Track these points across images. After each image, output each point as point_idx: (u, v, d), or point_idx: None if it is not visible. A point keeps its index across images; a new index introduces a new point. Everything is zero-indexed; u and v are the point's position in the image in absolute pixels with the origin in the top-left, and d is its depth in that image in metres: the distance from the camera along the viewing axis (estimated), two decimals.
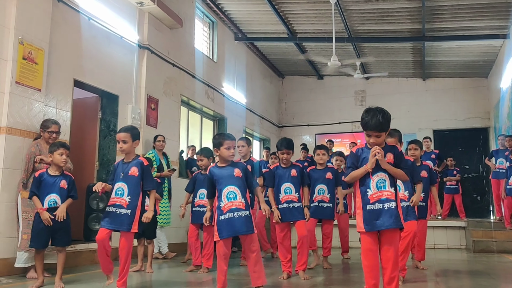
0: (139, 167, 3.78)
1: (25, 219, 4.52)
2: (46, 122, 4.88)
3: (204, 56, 9.21)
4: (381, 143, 3.14)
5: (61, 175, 4.17)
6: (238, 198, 3.62)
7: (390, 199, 3.06)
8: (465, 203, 9.66)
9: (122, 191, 3.73)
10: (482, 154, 11.48)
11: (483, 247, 7.64)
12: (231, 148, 3.71)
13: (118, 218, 3.70)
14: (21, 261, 4.49)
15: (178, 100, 8.07)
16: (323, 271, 5.26)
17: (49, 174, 4.13)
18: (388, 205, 3.05)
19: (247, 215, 3.62)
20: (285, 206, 4.60)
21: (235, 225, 3.57)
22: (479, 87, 11.71)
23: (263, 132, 12.14)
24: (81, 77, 5.92)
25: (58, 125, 4.89)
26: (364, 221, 3.08)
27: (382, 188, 3.07)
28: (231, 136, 3.81)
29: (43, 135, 4.80)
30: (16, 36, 4.86)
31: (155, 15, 7.33)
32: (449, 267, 5.93)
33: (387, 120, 3.09)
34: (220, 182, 3.69)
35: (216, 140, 3.76)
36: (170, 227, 6.64)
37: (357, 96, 12.75)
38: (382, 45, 10.39)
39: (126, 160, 3.86)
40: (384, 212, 3.04)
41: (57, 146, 4.17)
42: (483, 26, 8.89)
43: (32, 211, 4.45)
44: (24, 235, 4.47)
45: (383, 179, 3.08)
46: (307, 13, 9.13)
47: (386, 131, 3.13)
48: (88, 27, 6.05)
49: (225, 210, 3.60)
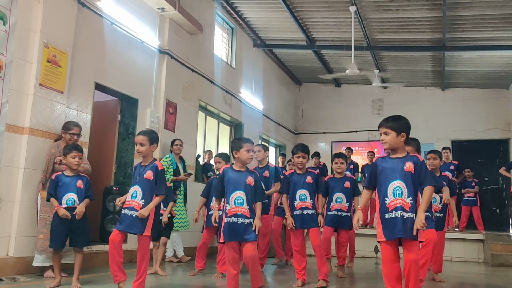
0: (154, 171, 3.81)
1: (43, 219, 4.58)
2: (68, 124, 4.95)
3: (223, 62, 9.28)
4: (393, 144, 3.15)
5: (77, 176, 4.27)
6: (245, 204, 3.62)
7: (404, 208, 3.04)
8: (483, 215, 9.47)
9: (136, 194, 3.78)
10: (501, 166, 11.20)
11: (502, 261, 7.50)
12: (250, 151, 3.72)
13: (131, 220, 3.73)
14: (39, 261, 4.55)
15: (196, 105, 8.14)
16: (337, 280, 5.22)
17: (65, 175, 4.23)
18: (402, 214, 3.03)
19: (250, 223, 3.61)
20: (299, 213, 4.59)
21: (237, 230, 3.59)
22: (500, 98, 11.53)
23: (279, 138, 12.15)
24: (102, 80, 6.02)
25: (79, 127, 4.97)
26: (383, 230, 3.08)
27: (397, 196, 3.06)
28: (250, 140, 3.84)
29: (64, 137, 4.88)
30: (41, 40, 4.97)
31: (176, 21, 7.42)
32: (467, 280, 5.83)
33: (395, 119, 3.15)
34: (230, 185, 3.68)
35: (236, 143, 3.78)
36: (185, 231, 6.67)
37: (374, 104, 12.67)
38: (401, 54, 10.32)
39: (144, 163, 3.90)
40: (398, 221, 3.03)
41: (70, 149, 4.26)
42: (505, 37, 8.77)
43: (50, 211, 4.52)
44: (40, 234, 4.53)
45: (399, 187, 3.07)
46: (326, 21, 9.13)
47: (394, 129, 3.14)
48: (111, 32, 6.16)
49: (229, 214, 3.62)
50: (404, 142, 3.19)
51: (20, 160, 4.75)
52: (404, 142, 3.19)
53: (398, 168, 3.12)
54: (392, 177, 3.10)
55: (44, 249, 4.49)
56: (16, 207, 4.67)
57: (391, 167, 3.14)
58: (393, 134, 3.16)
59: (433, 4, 7.86)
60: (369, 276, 5.97)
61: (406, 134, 3.17)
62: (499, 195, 11.19)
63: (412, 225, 3.02)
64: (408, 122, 3.23)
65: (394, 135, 3.16)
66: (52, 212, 4.50)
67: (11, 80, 4.68)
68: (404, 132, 3.16)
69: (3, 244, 4.59)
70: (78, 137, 4.91)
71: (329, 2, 8.34)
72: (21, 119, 4.80)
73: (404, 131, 3.17)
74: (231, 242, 3.62)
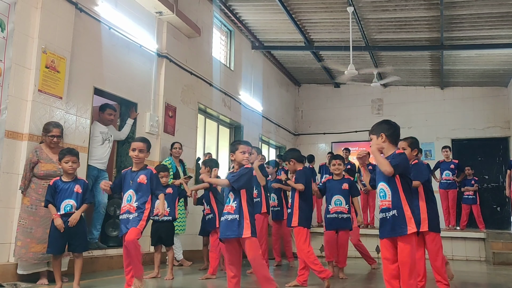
0: (148, 175, 3.93)
1: (21, 225, 4.46)
2: (47, 125, 4.71)
3: (222, 64, 9.29)
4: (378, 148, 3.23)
5: (74, 180, 4.25)
6: (230, 202, 3.69)
7: (388, 208, 3.12)
8: (484, 214, 9.48)
9: (131, 198, 3.89)
10: (502, 164, 11.28)
11: (504, 259, 7.49)
12: (245, 153, 3.77)
13: (128, 222, 3.85)
14: (20, 268, 4.47)
15: (195, 108, 8.15)
16: (339, 281, 5.22)
17: (63, 181, 4.22)
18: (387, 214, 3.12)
19: (235, 218, 3.61)
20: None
21: (224, 227, 3.66)
22: (499, 96, 11.53)
23: (279, 140, 12.15)
24: (101, 85, 6.03)
25: (60, 128, 4.73)
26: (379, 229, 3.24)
27: (382, 198, 3.18)
28: (246, 142, 3.91)
29: (44, 140, 4.70)
30: (40, 45, 4.98)
31: (174, 24, 7.43)
32: (468, 279, 5.83)
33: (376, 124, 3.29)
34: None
35: (234, 145, 3.86)
36: (186, 234, 6.68)
37: (374, 104, 12.68)
38: (399, 54, 10.33)
39: (135, 169, 3.98)
40: (385, 221, 3.14)
41: (64, 153, 4.24)
42: (503, 35, 8.77)
43: (28, 217, 4.46)
44: (18, 241, 4.42)
45: (382, 189, 3.17)
46: (324, 22, 9.14)
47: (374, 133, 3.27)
48: (109, 36, 6.17)
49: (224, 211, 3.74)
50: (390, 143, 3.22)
51: (20, 166, 4.74)
52: (389, 142, 3.22)
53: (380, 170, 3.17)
54: (379, 179, 3.22)
55: (20, 256, 4.39)
56: (16, 214, 4.66)
57: (379, 169, 3.19)
58: (373, 138, 3.27)
59: (431, 4, 7.87)
60: (371, 276, 5.97)
61: (385, 135, 3.22)
62: (499, 193, 11.15)
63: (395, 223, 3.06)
64: (389, 123, 3.29)
65: (375, 138, 3.27)
66: (29, 219, 4.46)
67: (10, 86, 4.68)
68: (382, 133, 3.23)
69: (4, 250, 4.59)
70: (58, 139, 4.68)
71: (326, 3, 8.35)
72: (20, 125, 4.80)
73: (382, 131, 3.23)
74: (228, 243, 3.65)
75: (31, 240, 4.41)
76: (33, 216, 4.47)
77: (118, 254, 5.82)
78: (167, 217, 5.25)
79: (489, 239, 8.06)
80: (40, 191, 4.50)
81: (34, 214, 4.47)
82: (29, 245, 4.40)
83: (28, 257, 4.40)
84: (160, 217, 3.97)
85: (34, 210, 4.48)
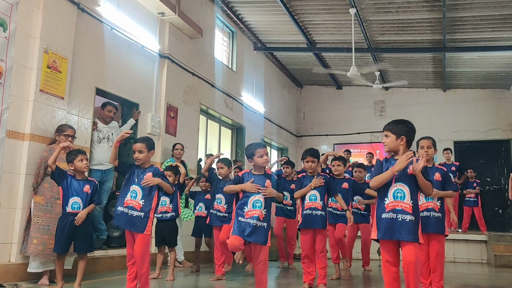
0: (154, 173, 3.92)
1: (36, 223, 4.50)
2: (62, 126, 4.94)
3: (224, 65, 9.29)
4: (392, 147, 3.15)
5: (85, 180, 4.27)
6: (262, 207, 3.67)
7: (406, 211, 3.02)
8: (486, 216, 9.44)
9: (136, 194, 3.85)
10: (504, 166, 11.25)
11: (505, 262, 7.46)
12: (263, 156, 3.78)
13: (131, 219, 3.79)
14: (33, 267, 4.48)
15: (197, 109, 8.14)
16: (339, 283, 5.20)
17: (75, 179, 4.23)
18: (403, 217, 3.02)
19: (263, 226, 3.65)
20: (309, 213, 4.57)
21: (249, 231, 3.61)
22: (501, 98, 11.50)
23: (281, 141, 12.14)
24: (103, 85, 6.03)
25: (73, 129, 4.97)
26: (378, 229, 3.09)
27: (399, 199, 3.05)
28: (260, 145, 3.92)
29: (58, 139, 4.83)
30: (41, 46, 4.98)
31: (176, 25, 7.44)
32: (470, 282, 5.80)
33: (396, 123, 3.19)
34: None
35: (249, 151, 3.84)
36: (188, 235, 6.66)
37: (376, 106, 12.66)
38: (402, 56, 10.31)
39: (143, 167, 3.97)
40: (398, 223, 3.02)
41: (75, 154, 4.25)
42: (505, 37, 8.75)
43: (44, 215, 4.50)
44: (34, 239, 4.46)
45: (402, 190, 3.06)
46: (326, 23, 9.14)
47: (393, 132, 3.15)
48: (111, 37, 6.18)
49: (247, 216, 3.66)
50: (406, 147, 3.16)
51: (21, 166, 4.75)
52: (406, 146, 3.15)
53: (400, 171, 3.10)
54: (397, 178, 3.09)
55: (37, 254, 4.43)
56: (17, 214, 4.67)
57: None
58: (392, 137, 3.16)
59: (433, 6, 7.86)
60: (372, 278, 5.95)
61: (406, 138, 3.14)
62: (501, 195, 11.13)
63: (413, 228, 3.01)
64: (410, 126, 3.19)
65: (394, 138, 3.15)
66: (46, 217, 4.49)
67: (11, 86, 4.69)
68: (403, 135, 3.14)
69: (5, 250, 4.59)
70: (72, 139, 4.89)
71: (329, 5, 8.35)
72: (22, 125, 4.81)
73: (404, 134, 3.14)
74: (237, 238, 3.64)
75: (49, 237, 4.43)
76: (50, 214, 4.51)
77: (120, 255, 5.82)
78: (170, 213, 5.25)
79: (490, 241, 8.03)
80: (55, 189, 4.52)
81: (51, 211, 4.51)
82: (47, 242, 4.43)
83: (46, 253, 4.43)
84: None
85: (50, 208, 4.53)
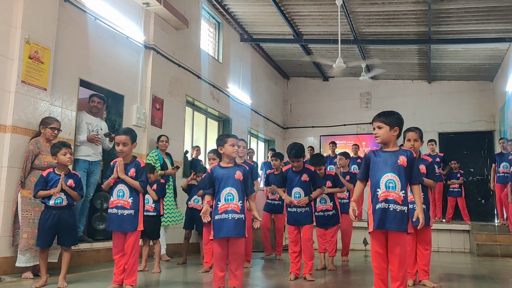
0: (136, 168, 3.87)
1: (26, 217, 4.47)
2: (47, 119, 4.85)
3: (210, 56, 9.23)
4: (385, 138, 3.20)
5: (67, 174, 4.20)
6: (235, 200, 3.64)
7: (397, 201, 3.06)
8: (469, 206, 9.61)
9: (123, 193, 3.81)
10: (487, 157, 11.43)
11: (487, 251, 7.61)
12: (235, 146, 3.75)
13: (122, 219, 3.77)
14: (22, 261, 4.44)
15: (183, 101, 8.09)
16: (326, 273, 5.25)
17: (56, 174, 4.16)
18: (394, 207, 3.05)
19: (241, 218, 3.63)
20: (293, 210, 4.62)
21: (227, 226, 3.59)
22: (485, 90, 11.65)
23: (267, 133, 12.15)
24: (87, 76, 5.94)
25: (59, 122, 4.90)
26: (374, 220, 3.10)
27: (390, 189, 3.09)
28: (234, 136, 3.90)
29: (43, 132, 4.76)
30: (23, 35, 4.88)
31: (161, 16, 7.35)
32: (453, 270, 5.91)
33: (388, 114, 3.23)
34: (219, 182, 3.71)
35: (220, 139, 3.82)
36: (175, 227, 6.64)
37: (362, 98, 12.72)
38: (387, 48, 10.36)
39: (124, 161, 3.89)
40: (389, 213, 3.05)
41: (59, 147, 4.19)
42: (489, 30, 8.85)
43: (33, 209, 4.47)
44: (24, 234, 4.42)
45: (393, 180, 3.10)
46: (313, 14, 9.12)
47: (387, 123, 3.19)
48: (95, 27, 6.08)
49: (220, 211, 3.63)
50: (397, 137, 3.23)
51: (3, 159, 4.67)
52: (397, 136, 3.22)
53: (390, 161, 3.15)
54: (385, 169, 3.13)
55: (28, 248, 4.40)
56: (0, 207, 4.60)
57: (384, 160, 3.17)
58: (386, 128, 3.20)
59: None
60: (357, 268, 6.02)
61: (399, 129, 3.22)
62: (484, 186, 11.32)
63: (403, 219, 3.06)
64: (401, 117, 3.27)
65: (387, 129, 3.20)
66: (34, 211, 4.45)
67: None
68: (396, 126, 3.21)
69: None
70: (58, 131, 4.84)
71: None
72: (3, 117, 4.72)
73: (397, 125, 3.21)
74: (220, 239, 3.63)
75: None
76: (39, 207, 4.44)
77: (105, 248, 5.78)
78: (152, 212, 5.21)
79: (473, 231, 8.18)
80: None
81: (39, 205, 4.43)
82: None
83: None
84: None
85: (38, 201, 4.45)
